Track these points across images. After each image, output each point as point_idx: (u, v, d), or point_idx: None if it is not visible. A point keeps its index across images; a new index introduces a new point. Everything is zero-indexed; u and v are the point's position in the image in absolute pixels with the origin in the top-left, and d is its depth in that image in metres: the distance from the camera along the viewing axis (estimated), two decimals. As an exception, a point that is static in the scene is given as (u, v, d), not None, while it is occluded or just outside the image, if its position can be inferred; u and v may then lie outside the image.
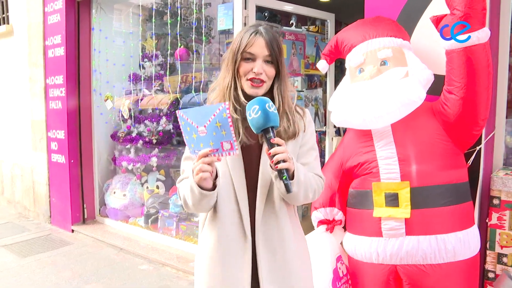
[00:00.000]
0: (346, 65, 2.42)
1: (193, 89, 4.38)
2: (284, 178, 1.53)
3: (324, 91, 4.64)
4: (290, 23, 4.26)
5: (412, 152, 2.15)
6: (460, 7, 2.03)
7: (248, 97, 1.67)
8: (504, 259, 2.44)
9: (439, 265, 2.13)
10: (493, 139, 2.59)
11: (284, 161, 1.52)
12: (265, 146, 1.59)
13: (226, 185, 1.70)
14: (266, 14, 4.25)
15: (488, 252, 2.49)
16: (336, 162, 2.42)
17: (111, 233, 5.05)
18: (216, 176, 1.59)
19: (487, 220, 2.47)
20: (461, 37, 2.03)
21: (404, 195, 2.10)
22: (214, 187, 1.59)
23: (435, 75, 2.28)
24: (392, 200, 2.13)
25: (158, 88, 5.05)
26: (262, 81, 1.71)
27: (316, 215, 2.43)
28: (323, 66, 2.52)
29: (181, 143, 4.99)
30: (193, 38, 4.26)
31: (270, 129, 1.54)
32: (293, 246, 1.74)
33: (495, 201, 2.43)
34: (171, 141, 5.05)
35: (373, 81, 2.18)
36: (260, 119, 1.53)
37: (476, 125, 2.15)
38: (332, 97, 2.37)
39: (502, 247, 2.44)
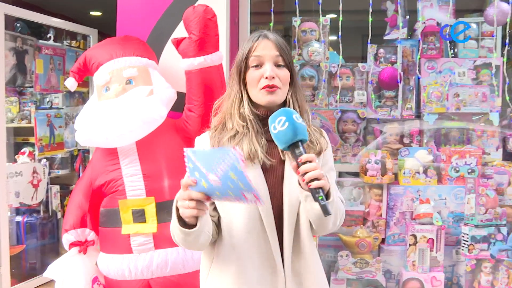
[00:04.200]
0: (94, 83, 2.40)
1: None
2: (320, 198, 1.28)
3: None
4: (48, 36, 4.06)
5: (158, 168, 2.24)
6: (195, 31, 2.21)
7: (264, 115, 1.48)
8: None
9: (188, 274, 2.25)
10: (237, 152, 2.84)
11: (317, 179, 1.29)
12: (290, 164, 1.36)
13: (250, 213, 1.46)
14: (19, 25, 3.97)
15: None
16: (85, 181, 2.38)
17: None
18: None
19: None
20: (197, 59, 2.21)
21: (150, 211, 2.18)
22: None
23: (183, 94, 2.41)
24: (139, 216, 2.19)
25: None
26: (276, 87, 1.49)
27: (67, 238, 2.35)
28: (71, 84, 2.46)
29: None
30: None
31: (299, 143, 1.34)
32: (322, 279, 1.58)
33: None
34: None
35: (118, 99, 2.22)
36: (288, 132, 1.32)
37: (215, 140, 2.33)
38: (78, 116, 2.34)
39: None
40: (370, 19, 3.01)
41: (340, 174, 3.47)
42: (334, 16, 3.26)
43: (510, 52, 4.13)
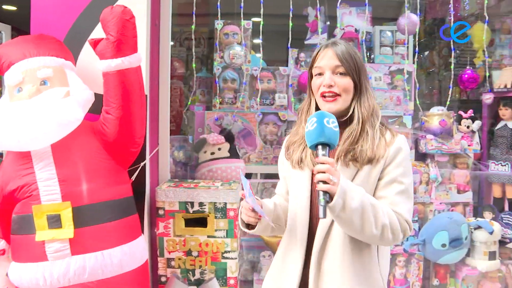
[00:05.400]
0: (5, 83, 2.29)
1: None
2: (322, 200, 1.35)
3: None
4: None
5: (74, 172, 2.17)
6: (113, 32, 2.17)
7: None
8: (172, 263, 2.68)
9: (108, 279, 2.19)
10: (158, 154, 2.83)
11: (326, 182, 1.36)
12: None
13: (294, 211, 1.69)
14: None
15: (159, 258, 2.69)
16: (-5, 187, 2.26)
17: None
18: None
19: (156, 230, 2.68)
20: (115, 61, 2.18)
21: (66, 215, 2.10)
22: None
23: (101, 95, 2.35)
24: (55, 221, 2.10)
25: None
26: (336, 95, 1.58)
27: (-27, 247, 2.23)
28: (-22, 83, 2.33)
29: None
30: None
31: (323, 146, 1.41)
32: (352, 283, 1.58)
33: (161, 212, 2.65)
34: None
35: (32, 100, 2.12)
36: (313, 133, 1.41)
37: (133, 143, 2.31)
38: (-12, 118, 2.21)
39: (169, 252, 2.68)
40: (291, 24, 3.09)
41: (262, 176, 3.54)
42: (257, 19, 3.32)
43: (421, 59, 4.41)
